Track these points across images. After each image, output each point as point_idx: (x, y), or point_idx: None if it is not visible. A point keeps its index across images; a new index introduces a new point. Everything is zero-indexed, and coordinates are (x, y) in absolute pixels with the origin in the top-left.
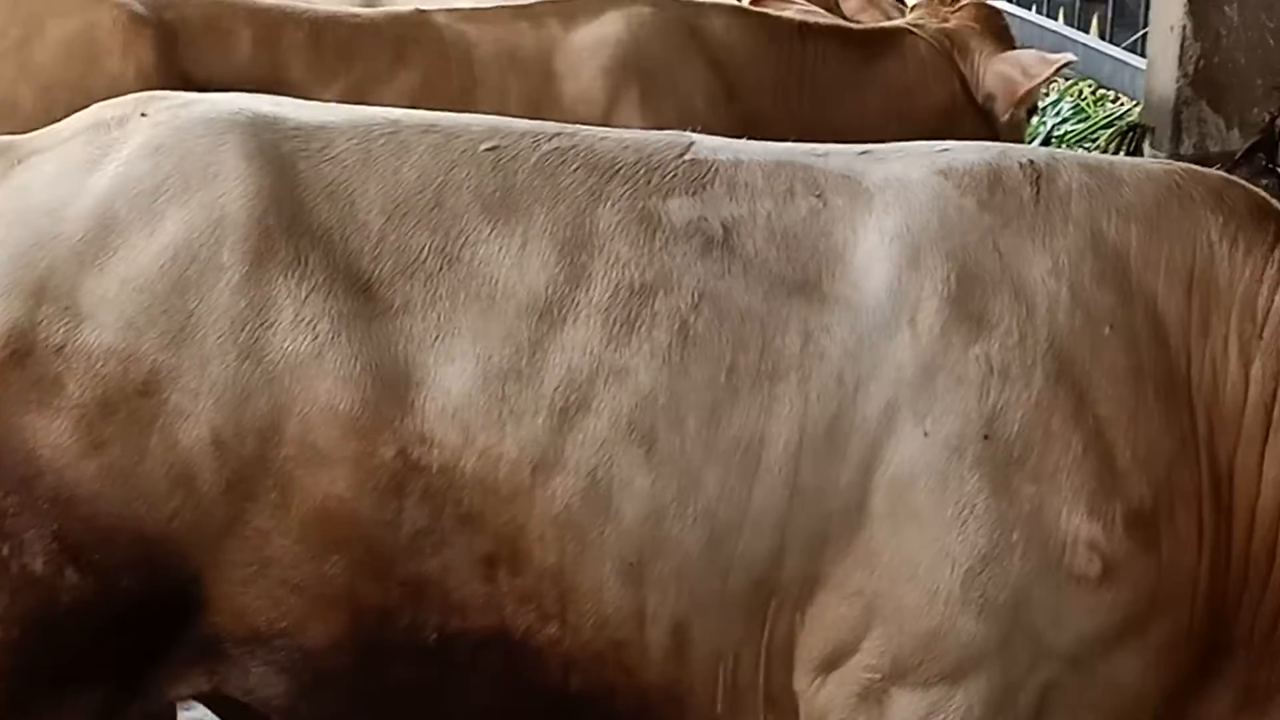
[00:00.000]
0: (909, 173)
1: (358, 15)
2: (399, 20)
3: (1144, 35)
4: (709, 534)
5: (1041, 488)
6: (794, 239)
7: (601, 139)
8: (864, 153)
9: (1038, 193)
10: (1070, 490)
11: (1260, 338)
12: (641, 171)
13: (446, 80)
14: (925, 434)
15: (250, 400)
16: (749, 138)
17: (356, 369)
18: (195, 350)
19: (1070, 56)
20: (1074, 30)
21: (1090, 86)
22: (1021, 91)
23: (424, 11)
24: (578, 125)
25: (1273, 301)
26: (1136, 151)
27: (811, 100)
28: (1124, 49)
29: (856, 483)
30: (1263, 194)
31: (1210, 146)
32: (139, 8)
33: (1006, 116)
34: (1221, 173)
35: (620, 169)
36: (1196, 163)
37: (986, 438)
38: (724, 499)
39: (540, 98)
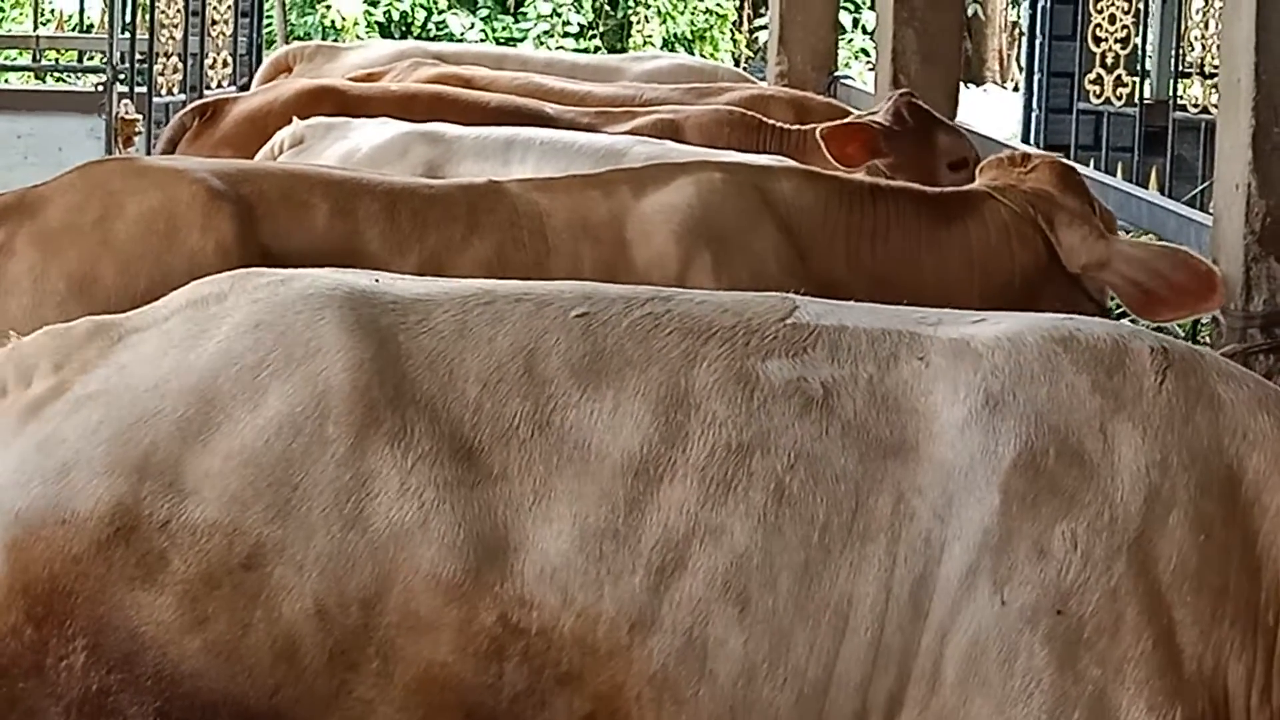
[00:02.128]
0: (1024, 337)
1: (432, 185)
2: (472, 190)
3: (1204, 189)
4: (798, 695)
5: (1107, 673)
6: (894, 402)
7: (699, 303)
8: (979, 320)
9: (1161, 384)
10: (1134, 682)
11: None
12: (740, 334)
13: (520, 249)
14: (1003, 602)
15: (355, 570)
16: (826, 298)
17: (460, 536)
18: (300, 523)
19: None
20: (1134, 186)
21: (1154, 240)
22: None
23: (496, 181)
24: (675, 289)
25: None
26: None
27: (886, 261)
28: (1184, 202)
29: (933, 646)
30: None
31: None
32: (217, 183)
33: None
34: None
35: (717, 332)
36: (1268, 319)
37: (1060, 613)
38: (813, 659)
39: (614, 264)
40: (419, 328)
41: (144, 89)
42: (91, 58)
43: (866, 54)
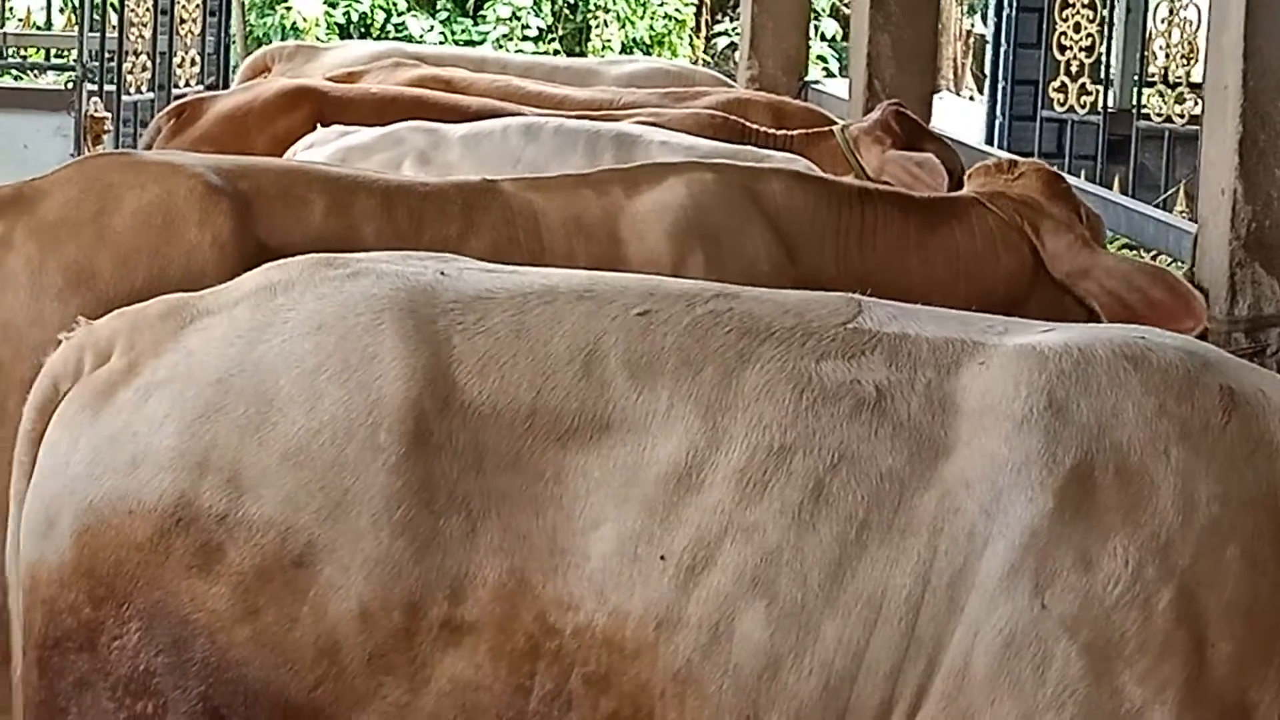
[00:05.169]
0: (1094, 349)
1: (428, 183)
2: (467, 188)
3: (1167, 197)
4: (825, 684)
5: (1147, 693)
6: (952, 405)
7: (762, 302)
8: (1048, 329)
9: (1227, 423)
10: (1176, 705)
11: None
12: (798, 335)
13: (515, 247)
14: (1043, 605)
15: (400, 576)
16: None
17: (506, 542)
18: (350, 526)
19: None
20: (1114, 192)
21: (1130, 245)
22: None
23: (491, 179)
24: (742, 287)
25: None
26: None
27: (874, 263)
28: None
29: (964, 641)
30: None
31: (1265, 308)
32: (214, 178)
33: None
34: None
35: (775, 332)
36: (1252, 324)
37: (1103, 627)
38: (841, 650)
39: (607, 262)
40: (476, 328)
41: (113, 87)
42: (61, 55)
43: (824, 59)
